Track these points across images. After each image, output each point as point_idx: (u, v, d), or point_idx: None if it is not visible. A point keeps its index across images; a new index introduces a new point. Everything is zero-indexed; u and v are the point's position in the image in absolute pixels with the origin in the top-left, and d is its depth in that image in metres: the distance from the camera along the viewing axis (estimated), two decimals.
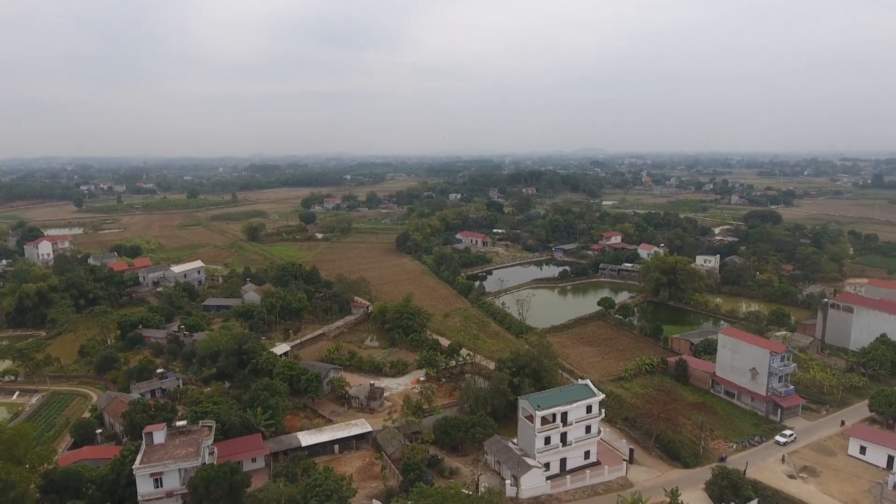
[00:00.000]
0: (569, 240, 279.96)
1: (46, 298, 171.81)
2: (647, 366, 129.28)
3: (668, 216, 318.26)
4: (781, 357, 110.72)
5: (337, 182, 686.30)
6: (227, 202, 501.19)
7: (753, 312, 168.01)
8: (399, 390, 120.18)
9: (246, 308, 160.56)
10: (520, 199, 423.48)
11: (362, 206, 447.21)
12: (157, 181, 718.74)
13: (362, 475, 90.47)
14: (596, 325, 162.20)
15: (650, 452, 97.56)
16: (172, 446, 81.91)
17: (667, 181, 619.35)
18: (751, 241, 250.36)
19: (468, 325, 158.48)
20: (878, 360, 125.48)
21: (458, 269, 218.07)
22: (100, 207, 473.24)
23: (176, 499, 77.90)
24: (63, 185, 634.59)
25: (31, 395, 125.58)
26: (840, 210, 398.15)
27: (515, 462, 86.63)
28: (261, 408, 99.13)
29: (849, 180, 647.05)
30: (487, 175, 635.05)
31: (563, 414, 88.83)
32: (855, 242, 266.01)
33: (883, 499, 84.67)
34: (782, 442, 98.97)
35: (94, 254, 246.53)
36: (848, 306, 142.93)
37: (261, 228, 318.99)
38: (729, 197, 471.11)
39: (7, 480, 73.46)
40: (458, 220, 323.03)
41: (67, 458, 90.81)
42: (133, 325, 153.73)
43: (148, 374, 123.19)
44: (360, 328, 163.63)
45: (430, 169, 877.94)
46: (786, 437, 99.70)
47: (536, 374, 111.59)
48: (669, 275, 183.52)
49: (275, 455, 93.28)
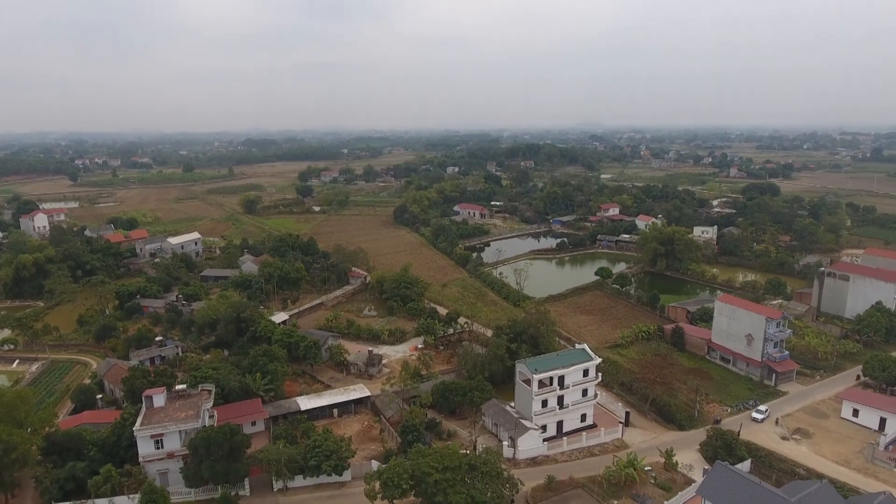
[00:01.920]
0: (567, 212, 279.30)
1: (43, 269, 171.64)
2: (643, 333, 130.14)
3: (666, 188, 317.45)
4: (777, 323, 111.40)
5: (334, 156, 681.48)
6: (224, 176, 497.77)
7: (750, 282, 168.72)
8: (397, 357, 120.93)
9: (244, 278, 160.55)
10: (518, 172, 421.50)
11: (359, 179, 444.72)
12: (153, 156, 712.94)
13: (361, 438, 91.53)
14: (593, 295, 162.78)
15: (646, 416, 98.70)
16: (172, 409, 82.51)
17: (665, 155, 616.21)
18: (748, 212, 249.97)
19: (466, 295, 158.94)
20: (872, 326, 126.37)
21: (455, 241, 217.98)
22: (95, 181, 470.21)
23: (177, 460, 78.71)
24: (57, 159, 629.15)
25: (30, 363, 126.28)
26: (838, 183, 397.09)
27: (513, 424, 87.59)
28: (260, 373, 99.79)
29: (848, 154, 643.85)
30: (485, 149, 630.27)
31: (560, 377, 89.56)
32: (852, 214, 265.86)
33: (874, 459, 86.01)
34: (759, 419, 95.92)
35: (90, 226, 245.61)
36: (844, 275, 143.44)
37: (257, 201, 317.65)
38: (727, 170, 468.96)
39: (9, 442, 74.09)
40: (456, 192, 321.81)
41: (68, 423, 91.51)
42: (131, 294, 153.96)
43: (147, 342, 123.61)
44: (358, 298, 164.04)
45: (428, 143, 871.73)
46: (762, 414, 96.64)
47: (534, 341, 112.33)
48: (667, 245, 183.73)
49: (274, 419, 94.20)
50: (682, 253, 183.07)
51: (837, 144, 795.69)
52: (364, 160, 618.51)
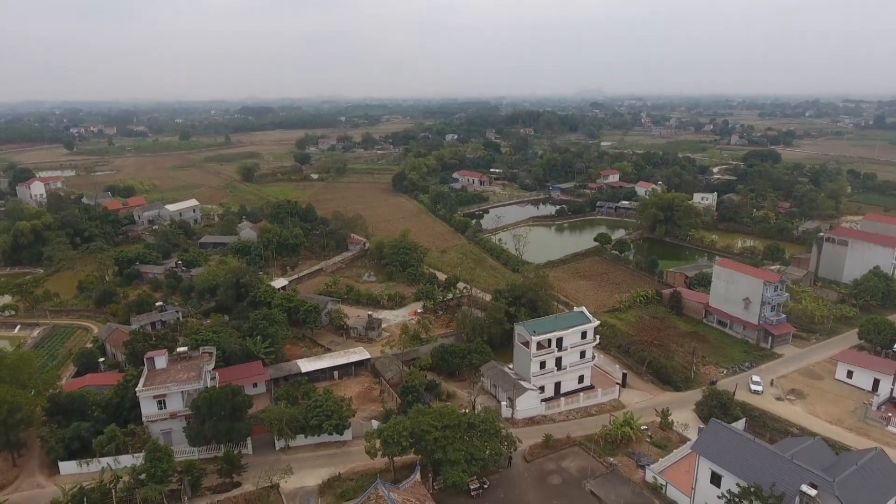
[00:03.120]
0: (566, 179, 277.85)
1: (42, 236, 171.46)
2: (641, 297, 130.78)
3: (666, 156, 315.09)
4: (775, 286, 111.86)
5: (332, 124, 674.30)
6: (221, 144, 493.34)
7: (749, 248, 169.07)
8: (397, 321, 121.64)
9: (242, 244, 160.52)
10: (517, 139, 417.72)
11: (358, 146, 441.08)
12: (149, 124, 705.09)
13: (361, 399, 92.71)
14: (592, 261, 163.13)
15: (642, 377, 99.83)
16: (174, 371, 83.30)
17: (666, 122, 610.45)
18: (749, 179, 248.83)
19: (465, 261, 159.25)
20: (869, 291, 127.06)
21: (454, 208, 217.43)
22: (91, 150, 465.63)
23: (180, 420, 79.82)
24: (52, 128, 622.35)
25: (32, 328, 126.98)
26: (840, 150, 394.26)
27: (511, 385, 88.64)
28: (260, 336, 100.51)
29: (850, 121, 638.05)
30: (484, 116, 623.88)
31: (558, 339, 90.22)
32: (853, 181, 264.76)
33: (867, 418, 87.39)
34: (760, 391, 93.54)
35: (87, 194, 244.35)
36: (843, 240, 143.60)
37: (255, 169, 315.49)
38: (728, 137, 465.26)
39: (13, 403, 75.09)
40: (455, 159, 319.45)
41: (71, 385, 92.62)
42: (130, 261, 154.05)
43: (147, 307, 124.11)
44: (357, 264, 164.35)
45: (427, 111, 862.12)
46: (759, 386, 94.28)
47: (532, 305, 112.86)
48: (666, 211, 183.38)
49: (275, 381, 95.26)
50: (681, 219, 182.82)
51: (840, 112, 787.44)
52: (362, 128, 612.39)
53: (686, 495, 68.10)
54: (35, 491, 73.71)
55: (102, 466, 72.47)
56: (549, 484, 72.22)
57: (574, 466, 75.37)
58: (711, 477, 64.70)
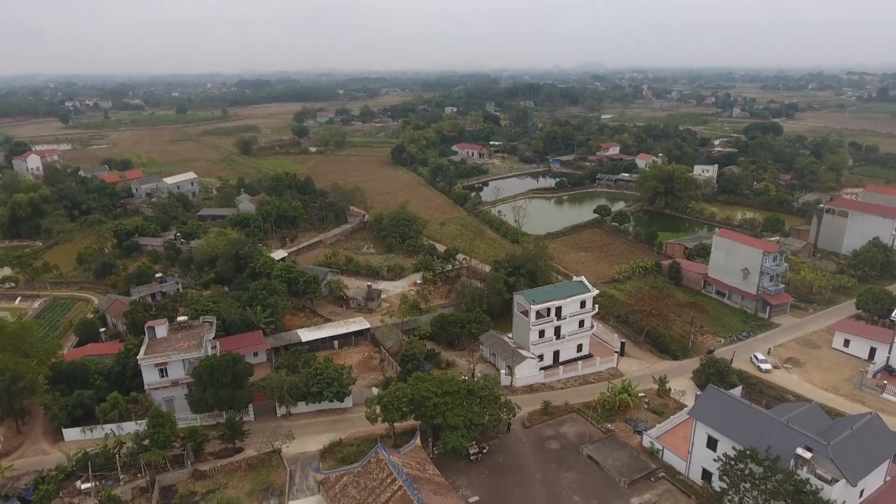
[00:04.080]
0: (566, 151, 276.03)
1: (39, 209, 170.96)
2: (640, 268, 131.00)
3: (667, 128, 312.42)
4: (774, 256, 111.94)
5: (330, 97, 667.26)
6: (218, 117, 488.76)
7: (748, 220, 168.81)
8: (396, 292, 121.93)
9: (241, 217, 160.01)
10: (517, 112, 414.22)
11: (356, 119, 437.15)
12: (145, 97, 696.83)
13: (362, 368, 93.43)
14: (591, 232, 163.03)
15: (641, 346, 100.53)
16: (175, 339, 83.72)
17: (668, 95, 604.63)
18: (750, 151, 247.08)
19: (464, 232, 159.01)
20: (868, 261, 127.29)
21: (454, 180, 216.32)
22: (87, 123, 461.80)
23: (181, 387, 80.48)
24: (47, 101, 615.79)
25: (32, 300, 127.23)
26: (842, 123, 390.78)
27: (510, 353, 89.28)
28: (260, 306, 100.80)
29: (853, 94, 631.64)
30: (484, 89, 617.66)
31: (557, 308, 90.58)
32: (855, 153, 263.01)
33: (862, 385, 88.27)
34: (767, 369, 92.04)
35: (84, 167, 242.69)
36: (843, 211, 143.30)
37: (253, 142, 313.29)
38: (730, 110, 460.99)
39: (15, 370, 75.61)
40: (454, 132, 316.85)
41: (73, 355, 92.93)
42: (129, 233, 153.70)
43: (147, 279, 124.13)
44: (356, 236, 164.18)
45: (426, 83, 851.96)
46: (766, 364, 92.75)
47: (532, 275, 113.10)
48: (667, 183, 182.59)
49: (275, 350, 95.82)
50: (681, 191, 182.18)
51: (843, 84, 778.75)
52: (360, 101, 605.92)
53: (682, 459, 69.12)
54: (40, 457, 74.66)
55: (106, 433, 73.33)
56: (547, 449, 73.21)
57: (572, 432, 76.33)
58: (708, 441, 65.60)
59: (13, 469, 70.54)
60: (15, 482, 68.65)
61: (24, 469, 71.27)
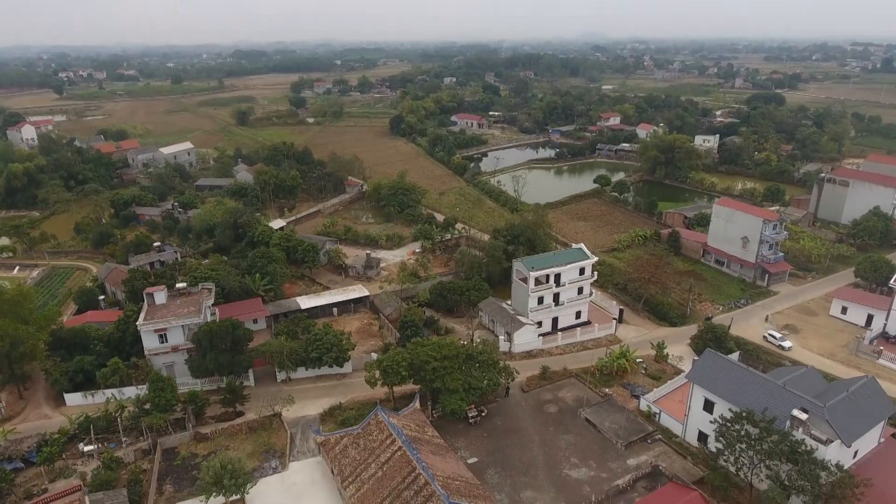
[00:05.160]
0: (566, 122, 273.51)
1: (35, 179, 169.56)
2: (640, 238, 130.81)
3: (669, 98, 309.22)
4: (774, 225, 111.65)
5: (327, 68, 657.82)
6: (214, 88, 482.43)
7: (748, 189, 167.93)
8: (395, 261, 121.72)
9: (239, 186, 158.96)
10: (517, 82, 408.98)
11: (354, 90, 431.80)
12: (139, 68, 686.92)
13: (361, 334, 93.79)
14: (591, 202, 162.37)
15: (639, 313, 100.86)
16: (174, 306, 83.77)
17: (669, 65, 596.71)
18: (752, 122, 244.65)
19: (463, 202, 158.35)
20: (868, 230, 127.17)
21: (453, 150, 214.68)
22: (81, 94, 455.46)
23: (181, 353, 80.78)
24: (41, 72, 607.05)
25: (31, 269, 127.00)
26: (846, 94, 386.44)
27: (509, 320, 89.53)
28: (259, 274, 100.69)
29: (857, 65, 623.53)
30: (484, 59, 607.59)
31: (556, 275, 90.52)
32: (857, 124, 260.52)
33: (859, 351, 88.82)
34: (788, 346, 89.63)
35: (79, 137, 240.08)
36: (844, 180, 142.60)
37: (250, 113, 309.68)
38: (733, 81, 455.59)
39: (15, 336, 75.65)
40: (454, 102, 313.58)
41: (72, 323, 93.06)
42: (126, 203, 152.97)
43: (145, 248, 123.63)
44: (354, 206, 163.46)
45: (424, 54, 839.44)
46: (786, 343, 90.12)
47: (531, 243, 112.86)
48: (667, 153, 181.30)
49: (275, 317, 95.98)
50: (682, 161, 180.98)
51: (848, 55, 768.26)
52: (358, 71, 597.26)
53: (679, 422, 69.82)
54: (42, 421, 75.30)
55: (107, 397, 73.79)
56: (545, 412, 73.87)
57: (570, 396, 76.94)
58: (704, 404, 66.17)
59: (16, 432, 71.21)
60: (18, 445, 69.34)
61: (27, 432, 71.90)
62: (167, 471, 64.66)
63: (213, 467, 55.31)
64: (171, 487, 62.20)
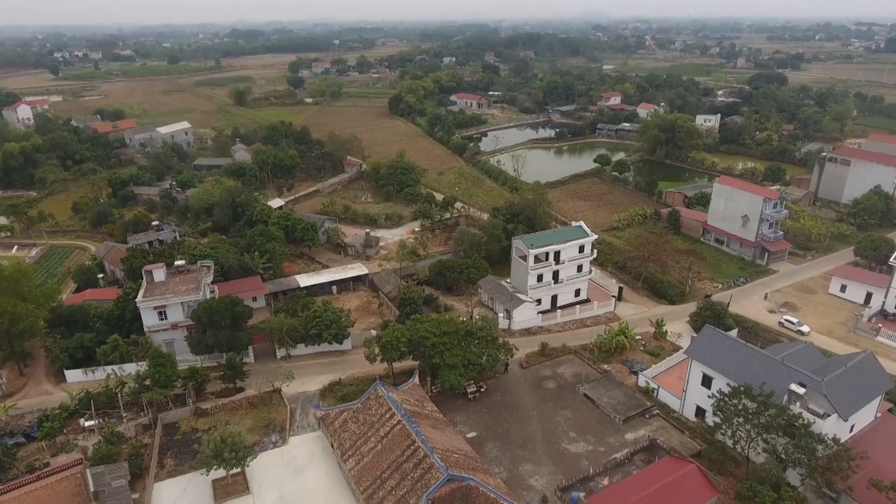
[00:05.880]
0: (567, 102, 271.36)
1: (32, 159, 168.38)
2: (640, 217, 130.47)
3: (670, 78, 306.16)
4: (774, 203, 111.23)
5: (325, 47, 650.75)
6: (211, 68, 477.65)
7: (749, 169, 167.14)
8: (394, 240, 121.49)
9: (237, 166, 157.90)
10: (517, 62, 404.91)
11: (352, 70, 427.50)
12: (135, 48, 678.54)
13: (360, 312, 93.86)
14: (591, 182, 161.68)
15: (638, 292, 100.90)
16: (173, 283, 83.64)
17: (671, 45, 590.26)
18: (753, 101, 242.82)
19: (462, 181, 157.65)
20: (868, 209, 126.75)
21: (452, 130, 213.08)
22: (77, 75, 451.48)
23: (181, 330, 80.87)
24: (36, 52, 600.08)
25: (29, 248, 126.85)
26: (849, 74, 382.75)
27: (508, 297, 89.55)
28: (258, 252, 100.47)
29: (861, 45, 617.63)
30: (483, 39, 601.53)
31: (556, 253, 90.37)
32: (860, 104, 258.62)
33: (857, 329, 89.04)
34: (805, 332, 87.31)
35: (76, 117, 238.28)
36: (845, 159, 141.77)
37: (248, 93, 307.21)
38: (735, 61, 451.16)
39: (14, 313, 75.68)
40: (453, 82, 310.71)
41: (72, 301, 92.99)
42: (124, 182, 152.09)
43: (144, 227, 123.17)
44: (353, 186, 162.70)
45: (424, 34, 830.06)
46: (804, 327, 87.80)
47: (530, 222, 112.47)
48: (668, 132, 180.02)
49: (274, 295, 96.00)
50: (682, 140, 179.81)
51: (851, 35, 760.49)
52: (357, 51, 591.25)
53: (677, 398, 70.19)
54: (43, 397, 75.59)
55: (107, 373, 73.93)
56: (544, 388, 74.22)
57: (569, 372, 77.24)
58: (703, 379, 66.40)
59: (17, 408, 71.54)
60: (19, 420, 69.71)
61: (28, 408, 72.23)
62: (168, 445, 65.12)
63: (213, 441, 55.64)
64: (172, 461, 62.67)
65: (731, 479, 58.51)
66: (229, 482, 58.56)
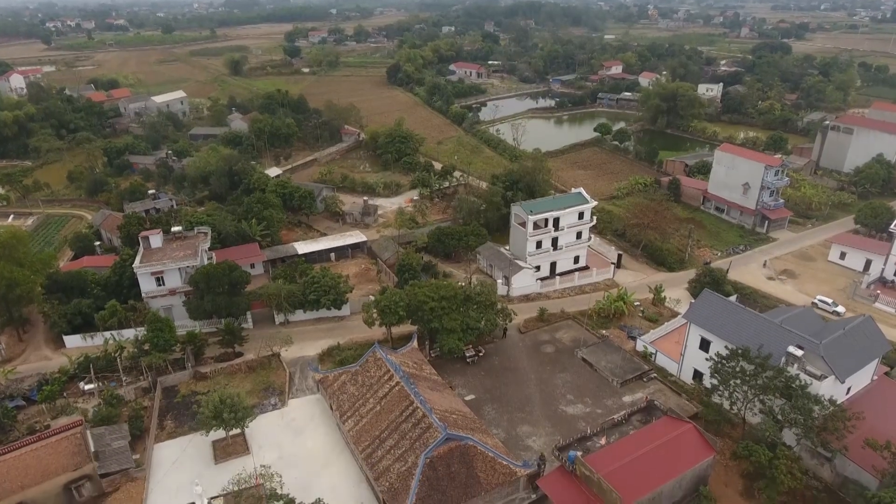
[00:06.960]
0: (567, 71, 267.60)
1: (26, 128, 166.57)
2: (640, 185, 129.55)
3: (672, 47, 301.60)
4: (776, 171, 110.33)
5: (322, 17, 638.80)
6: (206, 38, 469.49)
7: (751, 138, 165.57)
8: (393, 208, 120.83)
9: (233, 135, 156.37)
10: (517, 31, 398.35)
11: (350, 39, 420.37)
12: (129, 18, 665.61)
13: (359, 278, 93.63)
14: (591, 151, 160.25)
15: (638, 259, 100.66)
16: (170, 249, 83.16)
17: (674, 14, 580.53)
18: (757, 70, 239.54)
19: (461, 150, 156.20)
20: (870, 178, 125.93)
21: (451, 99, 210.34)
22: (70, 45, 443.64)
23: (179, 296, 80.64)
24: (27, 22, 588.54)
25: (25, 217, 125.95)
26: (853, 44, 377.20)
27: (507, 264, 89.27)
28: (255, 219, 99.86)
29: (867, 14, 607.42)
30: (483, 8, 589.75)
31: (555, 219, 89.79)
32: (864, 74, 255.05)
33: (856, 295, 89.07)
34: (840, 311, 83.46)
35: (70, 86, 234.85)
36: (848, 127, 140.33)
37: (244, 62, 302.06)
38: (739, 30, 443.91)
39: (11, 278, 75.36)
40: (452, 51, 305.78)
41: (69, 268, 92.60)
42: (119, 151, 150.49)
43: (140, 195, 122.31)
44: (351, 155, 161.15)
45: (422, 3, 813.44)
46: (839, 307, 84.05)
47: (530, 189, 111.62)
48: (669, 101, 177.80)
49: (272, 262, 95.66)
50: (684, 109, 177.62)
51: (857, 4, 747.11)
52: (354, 21, 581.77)
53: (674, 362, 70.38)
54: (43, 362, 75.78)
55: (106, 338, 73.92)
56: (542, 352, 74.42)
57: (567, 337, 77.38)
58: (701, 343, 66.48)
59: (16, 372, 71.75)
60: (19, 384, 69.96)
61: (28, 373, 72.46)
62: (168, 407, 65.48)
63: (212, 402, 55.84)
64: (172, 423, 63.08)
65: (727, 439, 58.98)
66: (229, 443, 58.99)
